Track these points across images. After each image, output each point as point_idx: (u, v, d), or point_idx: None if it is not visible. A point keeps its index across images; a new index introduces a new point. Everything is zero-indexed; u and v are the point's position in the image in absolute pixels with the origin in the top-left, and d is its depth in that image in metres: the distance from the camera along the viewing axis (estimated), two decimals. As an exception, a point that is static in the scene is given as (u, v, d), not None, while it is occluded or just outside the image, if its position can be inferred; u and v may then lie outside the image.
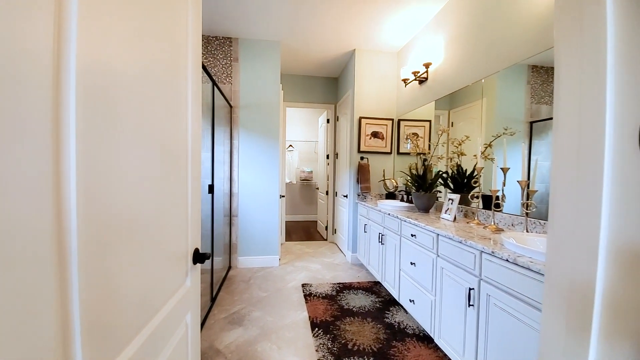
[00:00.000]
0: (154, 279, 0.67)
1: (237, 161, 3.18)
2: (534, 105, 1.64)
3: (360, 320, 2.05)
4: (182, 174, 0.84)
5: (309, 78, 4.31)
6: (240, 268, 3.18)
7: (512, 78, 1.79)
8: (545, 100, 1.56)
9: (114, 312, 0.50)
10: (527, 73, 1.66)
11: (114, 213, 0.49)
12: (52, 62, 0.36)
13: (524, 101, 1.71)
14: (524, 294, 1.05)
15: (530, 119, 1.67)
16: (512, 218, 1.69)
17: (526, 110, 1.70)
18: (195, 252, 0.96)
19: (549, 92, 1.53)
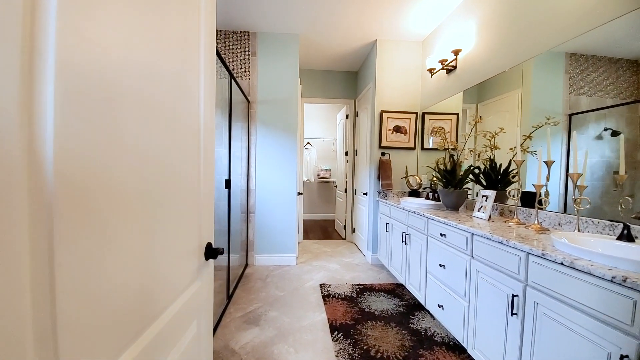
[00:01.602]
0: (159, 273, 0.59)
1: (254, 157, 3.13)
2: (572, 96, 1.49)
3: (383, 325, 1.92)
4: (193, 158, 0.76)
5: (328, 73, 4.21)
6: (257, 266, 3.12)
7: (548, 67, 1.63)
8: (584, 91, 1.41)
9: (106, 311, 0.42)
10: (565, 62, 1.51)
11: (108, 185, 0.40)
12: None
13: (562, 92, 1.55)
14: (583, 302, 0.89)
15: (569, 111, 1.51)
16: (559, 217, 1.50)
17: (564, 102, 1.54)
18: (208, 247, 0.88)
19: (589, 82, 1.38)
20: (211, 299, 0.95)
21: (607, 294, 0.81)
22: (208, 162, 0.86)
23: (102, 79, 0.40)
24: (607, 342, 0.80)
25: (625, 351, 0.75)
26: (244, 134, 3.09)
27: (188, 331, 0.77)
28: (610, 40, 1.31)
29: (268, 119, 3.13)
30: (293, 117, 3.15)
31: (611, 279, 0.79)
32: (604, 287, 0.82)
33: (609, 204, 1.28)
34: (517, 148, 1.66)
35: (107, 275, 0.42)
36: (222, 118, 3.02)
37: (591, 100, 1.39)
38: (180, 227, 0.68)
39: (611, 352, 0.79)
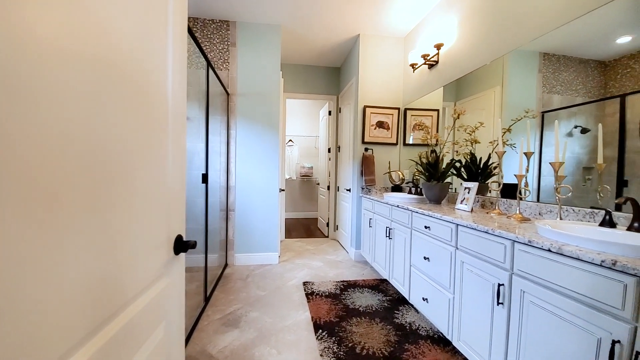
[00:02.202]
0: (115, 268, 0.50)
1: (234, 152, 3.00)
2: (545, 94, 1.54)
3: (367, 321, 1.87)
4: (159, 144, 0.66)
5: (311, 68, 4.13)
6: (237, 266, 3.00)
7: (523, 67, 1.68)
8: (557, 89, 1.46)
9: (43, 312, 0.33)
10: (538, 61, 1.57)
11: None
12: None
13: (536, 90, 1.61)
14: (571, 288, 0.88)
15: (542, 109, 1.56)
16: (539, 206, 1.52)
17: (538, 100, 1.60)
18: (178, 240, 0.78)
19: (561, 81, 1.44)
20: (182, 299, 0.86)
21: (596, 278, 0.80)
22: (178, 148, 0.77)
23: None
24: (598, 327, 0.79)
25: (617, 336, 0.74)
26: (223, 127, 2.95)
27: (154, 335, 0.67)
28: (580, 41, 1.36)
29: (249, 113, 3.01)
30: (275, 112, 3.05)
31: (600, 263, 0.78)
32: (593, 272, 0.81)
33: (579, 198, 1.34)
34: (498, 139, 1.67)
35: (46, 272, 0.33)
36: (199, 111, 2.87)
37: (562, 99, 1.45)
38: (142, 217, 0.58)
39: (601, 338, 0.78)
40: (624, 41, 1.17)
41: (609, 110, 1.22)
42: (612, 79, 1.21)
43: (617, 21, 1.20)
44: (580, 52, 1.37)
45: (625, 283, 0.73)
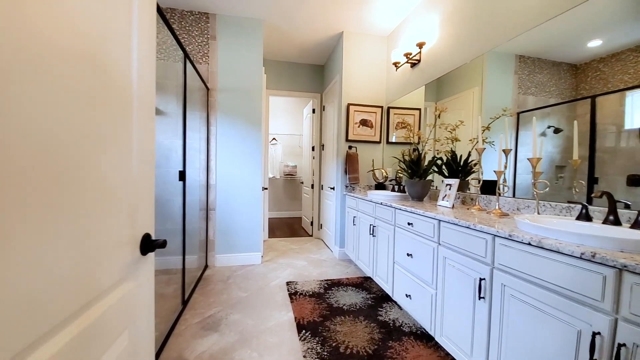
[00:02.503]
0: (68, 269, 0.43)
1: (214, 149, 2.90)
2: (521, 95, 1.60)
3: (351, 320, 1.85)
4: (120, 134, 0.59)
5: (294, 65, 4.08)
6: (218, 267, 2.90)
7: (501, 68, 1.73)
8: (531, 91, 1.51)
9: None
10: (514, 63, 1.62)
11: None
12: None
13: (512, 92, 1.66)
14: (551, 281, 0.89)
15: (517, 109, 1.61)
16: (517, 202, 1.55)
17: (514, 100, 1.64)
18: (145, 239, 0.72)
19: (535, 83, 1.49)
20: (151, 303, 0.79)
21: (576, 271, 0.81)
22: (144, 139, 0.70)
23: None
24: (578, 320, 0.80)
25: (597, 328, 0.75)
26: (203, 124, 2.84)
27: (117, 344, 0.60)
28: (554, 44, 1.41)
29: (230, 109, 2.91)
30: (257, 108, 2.97)
31: (580, 255, 0.78)
32: (573, 264, 0.82)
33: (552, 195, 1.38)
34: (478, 137, 1.70)
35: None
36: (177, 106, 2.75)
37: (537, 100, 1.49)
38: (99, 213, 0.52)
39: (581, 330, 0.79)
40: (594, 45, 1.22)
41: (580, 111, 1.27)
42: (583, 81, 1.25)
43: (588, 25, 1.25)
44: (554, 55, 1.41)
45: (604, 275, 0.74)
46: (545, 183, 1.32)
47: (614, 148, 1.13)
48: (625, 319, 0.70)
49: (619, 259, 0.69)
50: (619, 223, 0.97)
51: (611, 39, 1.15)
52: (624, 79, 1.09)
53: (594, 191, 1.16)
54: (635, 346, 0.66)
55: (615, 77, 1.11)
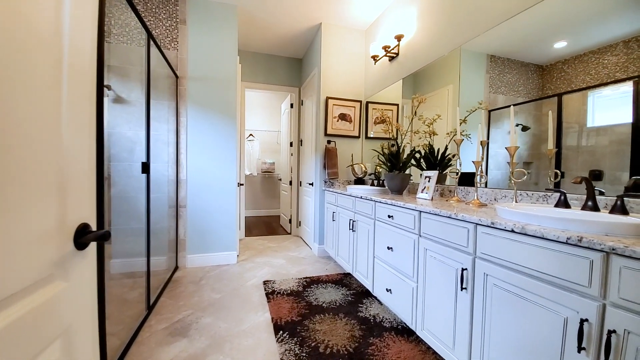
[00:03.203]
0: None
1: (185, 142, 2.71)
2: (492, 94, 1.64)
3: (331, 317, 1.78)
4: (42, 91, 0.47)
5: (271, 57, 3.94)
6: (189, 268, 2.71)
7: (473, 67, 1.77)
8: (501, 90, 1.56)
9: None
10: (486, 63, 1.66)
11: None
12: None
13: (484, 90, 1.70)
14: (535, 268, 0.86)
15: (489, 107, 1.66)
16: (495, 192, 1.55)
17: (486, 99, 1.69)
18: (81, 230, 0.59)
19: (505, 83, 1.54)
20: (93, 306, 0.66)
21: (561, 256, 0.79)
22: (80, 108, 0.57)
23: None
24: (564, 307, 0.78)
25: (585, 314, 0.72)
26: (172, 114, 2.64)
27: (42, 358, 0.48)
28: (522, 45, 1.45)
29: (202, 99, 2.73)
30: (232, 99, 2.81)
31: (566, 240, 0.76)
32: (558, 250, 0.79)
33: (523, 189, 1.41)
34: (457, 128, 1.69)
35: None
36: (142, 93, 2.52)
37: (506, 99, 1.54)
38: (5, 194, 0.40)
39: (568, 317, 0.77)
40: (560, 46, 1.26)
41: (546, 110, 1.31)
42: (549, 81, 1.30)
43: (553, 26, 1.29)
44: (522, 56, 1.46)
45: (591, 259, 0.71)
46: (522, 172, 1.32)
47: (577, 145, 1.17)
48: (614, 304, 0.67)
49: (606, 242, 0.67)
50: (598, 209, 0.97)
51: (575, 41, 1.19)
52: (586, 79, 1.13)
53: (560, 185, 1.20)
54: (626, 333, 0.64)
55: (578, 77, 1.15)
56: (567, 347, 0.76)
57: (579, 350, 0.72)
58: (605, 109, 1.08)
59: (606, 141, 1.07)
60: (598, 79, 1.11)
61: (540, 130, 1.35)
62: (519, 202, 1.36)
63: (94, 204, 0.66)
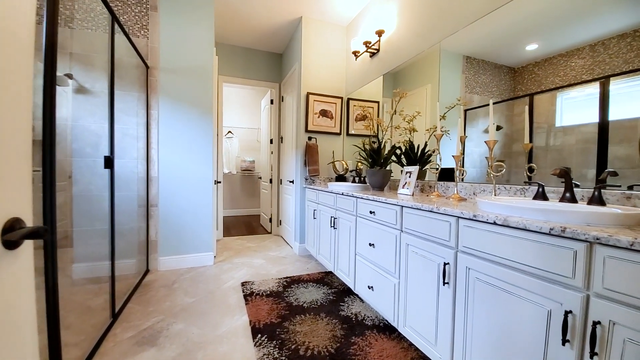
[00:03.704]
0: None
1: (156, 137, 2.54)
2: (467, 94, 1.67)
3: (312, 317, 1.72)
4: None
5: (250, 51, 3.81)
6: (162, 271, 2.55)
7: (450, 67, 1.81)
8: (476, 90, 1.60)
9: None
10: (462, 64, 1.69)
11: None
12: None
13: (460, 90, 1.74)
14: (518, 260, 0.85)
15: (465, 107, 1.69)
16: (474, 186, 1.56)
17: (462, 98, 1.72)
18: (11, 227, 0.49)
19: (480, 83, 1.58)
20: (32, 317, 0.56)
21: (544, 248, 0.77)
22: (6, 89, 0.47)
23: None
24: (547, 299, 0.77)
25: (569, 306, 0.71)
26: (141, 106, 2.47)
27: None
28: (496, 46, 1.49)
29: (175, 92, 2.57)
30: (208, 93, 2.68)
31: (549, 231, 0.75)
32: (541, 241, 0.78)
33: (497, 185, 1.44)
34: (437, 124, 1.69)
35: None
36: (101, 81, 2.33)
37: (481, 99, 1.58)
38: None
39: (551, 310, 0.75)
40: (531, 48, 1.29)
41: (517, 110, 1.35)
42: (520, 83, 1.34)
43: (526, 29, 1.32)
44: (496, 58, 1.49)
45: (575, 250, 0.70)
46: (501, 165, 1.33)
47: (546, 144, 1.22)
48: (598, 294, 0.67)
49: (590, 232, 0.66)
50: (575, 200, 0.98)
51: (545, 43, 1.23)
52: (555, 81, 1.17)
53: (531, 180, 1.22)
54: (612, 324, 0.63)
55: (548, 79, 1.20)
56: (551, 340, 0.75)
57: (564, 342, 0.70)
58: (572, 109, 1.13)
59: (573, 140, 1.11)
60: (566, 80, 1.15)
61: (512, 130, 1.38)
62: (497, 196, 1.36)
63: (28, 196, 0.55)
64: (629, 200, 0.92)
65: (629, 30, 0.95)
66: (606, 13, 1.02)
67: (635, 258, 0.59)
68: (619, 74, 0.98)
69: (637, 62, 0.92)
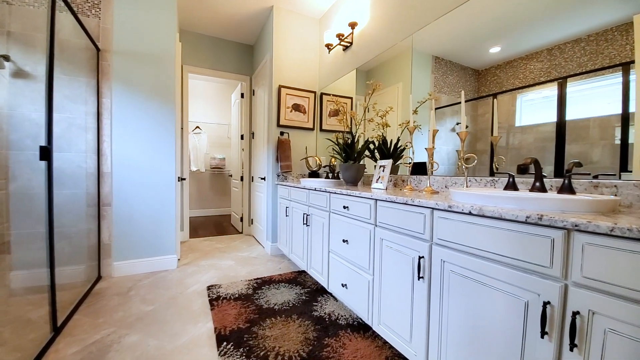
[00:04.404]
0: None
1: (109, 128, 2.29)
2: (436, 93, 1.71)
3: (283, 320, 1.62)
4: None
5: (219, 41, 3.60)
6: (116, 277, 2.31)
7: (421, 67, 1.83)
8: (444, 90, 1.64)
9: None
10: (431, 64, 1.73)
11: None
12: None
13: (429, 89, 1.77)
14: (494, 251, 0.82)
15: (436, 101, 1.71)
16: (445, 179, 1.56)
17: (432, 93, 1.74)
18: None
19: (447, 84, 1.62)
20: None
21: (520, 237, 0.75)
22: None
23: None
24: (524, 290, 0.74)
25: (546, 297, 0.68)
26: (91, 93, 2.20)
27: None
28: (462, 48, 1.53)
29: (132, 78, 2.33)
30: (169, 81, 2.46)
31: (525, 219, 0.72)
32: (517, 230, 0.75)
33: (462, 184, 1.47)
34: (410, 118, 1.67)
35: None
36: (34, 60, 2.03)
37: (449, 98, 1.61)
38: None
39: (529, 301, 0.73)
40: (495, 51, 1.33)
41: (481, 110, 1.40)
42: (484, 84, 1.38)
43: (489, 31, 1.36)
44: (462, 59, 1.53)
45: (552, 238, 0.68)
46: (473, 156, 1.32)
47: (507, 142, 1.26)
48: (576, 283, 0.64)
49: (568, 219, 0.63)
50: (545, 190, 0.97)
51: (507, 47, 1.27)
52: (515, 82, 1.22)
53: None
54: (591, 313, 0.60)
55: (509, 81, 1.24)
56: (529, 332, 0.72)
57: (542, 335, 0.68)
58: (530, 110, 1.18)
59: (532, 138, 1.16)
60: (525, 82, 1.20)
61: (476, 129, 1.42)
62: (469, 187, 1.36)
63: None
64: (596, 189, 0.94)
65: (583, 36, 0.99)
66: (563, 19, 1.06)
67: (615, 244, 0.57)
68: (573, 75, 1.03)
69: (589, 65, 0.97)
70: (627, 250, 0.56)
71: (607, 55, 0.92)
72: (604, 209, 0.72)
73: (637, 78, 0.86)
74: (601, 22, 0.94)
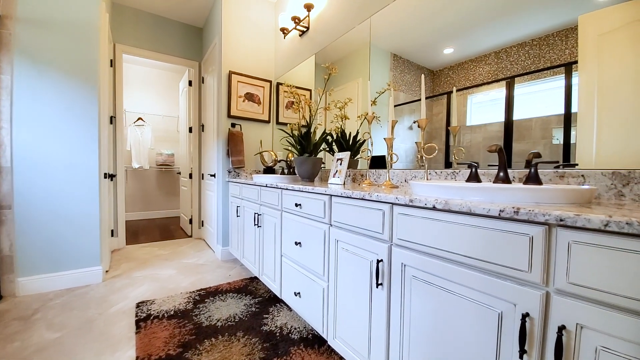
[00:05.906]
0: None
1: (8, 112, 1.82)
2: (394, 92, 1.69)
3: (226, 340, 1.38)
4: None
5: (162, 20, 3.18)
6: (21, 296, 1.85)
7: (380, 63, 1.80)
8: (402, 88, 1.64)
9: None
10: (390, 61, 1.72)
11: None
12: None
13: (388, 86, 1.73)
14: (462, 253, 0.69)
15: (392, 95, 1.64)
16: (405, 173, 1.45)
17: (391, 84, 1.72)
18: None
19: (405, 82, 1.63)
20: None
21: (492, 235, 0.62)
22: None
23: None
24: (497, 299, 0.61)
25: (525, 307, 0.56)
26: (-25, 68, 1.73)
27: None
28: (418, 47, 1.54)
29: (42, 52, 1.89)
30: (92, 58, 2.05)
31: (499, 214, 0.59)
32: (489, 227, 0.63)
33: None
34: (368, 108, 1.54)
35: None
36: None
37: (406, 96, 1.60)
38: None
39: (502, 312, 0.60)
40: (448, 52, 1.35)
41: (435, 110, 1.42)
42: (438, 85, 1.41)
43: (443, 32, 1.37)
44: (418, 59, 1.54)
45: (531, 235, 0.56)
46: (433, 146, 1.22)
47: (460, 141, 1.28)
48: (561, 291, 0.52)
49: (552, 212, 0.51)
50: (509, 181, 0.88)
51: (459, 48, 1.30)
52: (466, 84, 1.27)
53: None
54: (579, 328, 0.49)
55: (460, 82, 1.29)
56: (504, 350, 0.60)
57: (521, 354, 0.55)
58: (479, 110, 1.22)
59: (480, 137, 1.19)
60: (475, 82, 1.25)
61: (431, 129, 1.42)
62: (430, 180, 1.25)
63: None
64: (562, 179, 0.86)
65: (527, 40, 1.04)
66: (509, 23, 1.10)
67: (610, 242, 0.46)
68: (516, 76, 1.08)
69: (533, 68, 1.02)
70: (626, 249, 0.45)
71: (549, 59, 0.97)
72: (582, 199, 0.62)
73: (580, 76, 0.87)
74: (545, 27, 0.98)
